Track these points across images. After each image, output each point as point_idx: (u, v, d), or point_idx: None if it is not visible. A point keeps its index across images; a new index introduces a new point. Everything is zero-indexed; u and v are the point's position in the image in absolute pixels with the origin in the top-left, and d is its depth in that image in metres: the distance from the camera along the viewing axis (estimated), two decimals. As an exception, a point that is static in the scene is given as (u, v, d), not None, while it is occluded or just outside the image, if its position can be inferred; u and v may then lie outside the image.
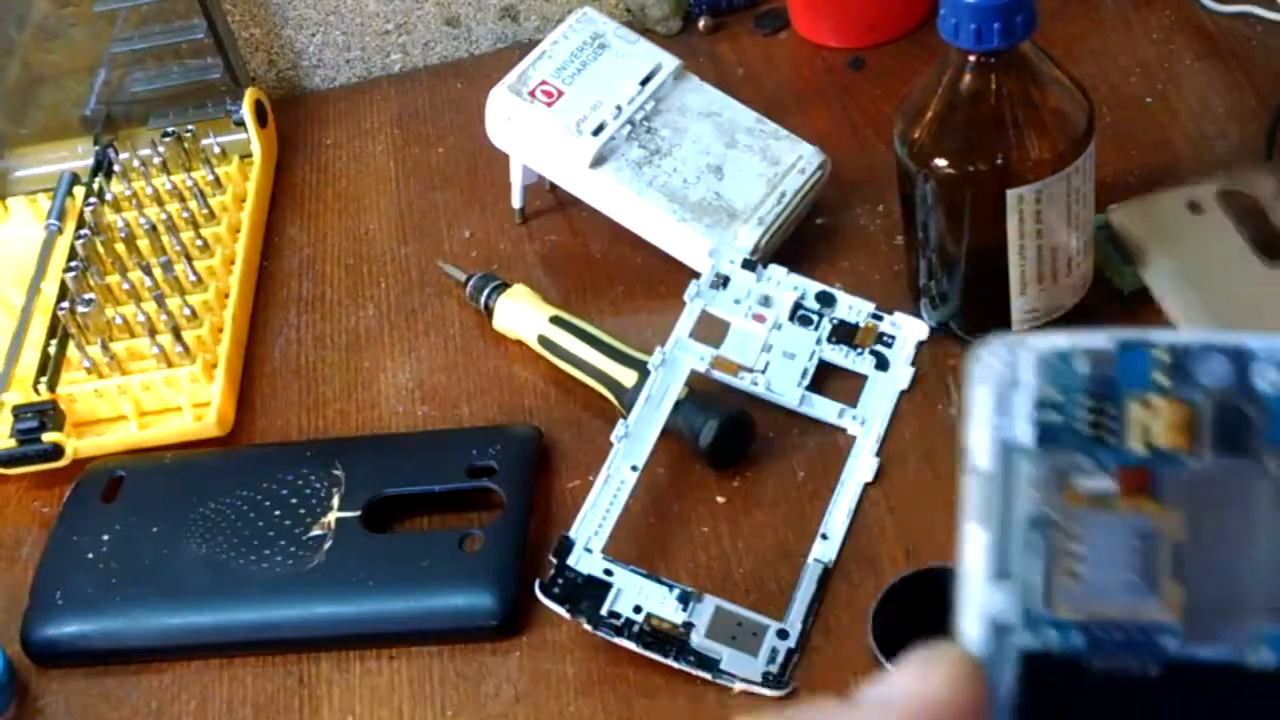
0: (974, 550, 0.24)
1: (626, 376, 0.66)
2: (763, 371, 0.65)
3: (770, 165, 0.74)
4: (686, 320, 0.65)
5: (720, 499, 0.64)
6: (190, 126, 0.85)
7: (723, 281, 0.68)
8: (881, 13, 0.86)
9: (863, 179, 0.77)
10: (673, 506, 0.64)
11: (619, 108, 0.74)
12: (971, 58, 0.60)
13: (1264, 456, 0.23)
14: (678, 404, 0.64)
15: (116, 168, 0.84)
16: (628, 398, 0.65)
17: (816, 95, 0.84)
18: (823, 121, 0.81)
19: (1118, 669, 0.23)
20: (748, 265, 0.68)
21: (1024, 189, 0.61)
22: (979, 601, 0.23)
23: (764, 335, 0.66)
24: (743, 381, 0.65)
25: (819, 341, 0.67)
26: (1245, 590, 0.23)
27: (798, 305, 0.68)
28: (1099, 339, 0.24)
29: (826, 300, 0.69)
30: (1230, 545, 0.23)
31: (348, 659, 0.62)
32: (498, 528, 0.63)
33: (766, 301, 0.67)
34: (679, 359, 0.64)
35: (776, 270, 0.69)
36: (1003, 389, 0.24)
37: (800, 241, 0.74)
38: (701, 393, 0.65)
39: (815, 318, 0.68)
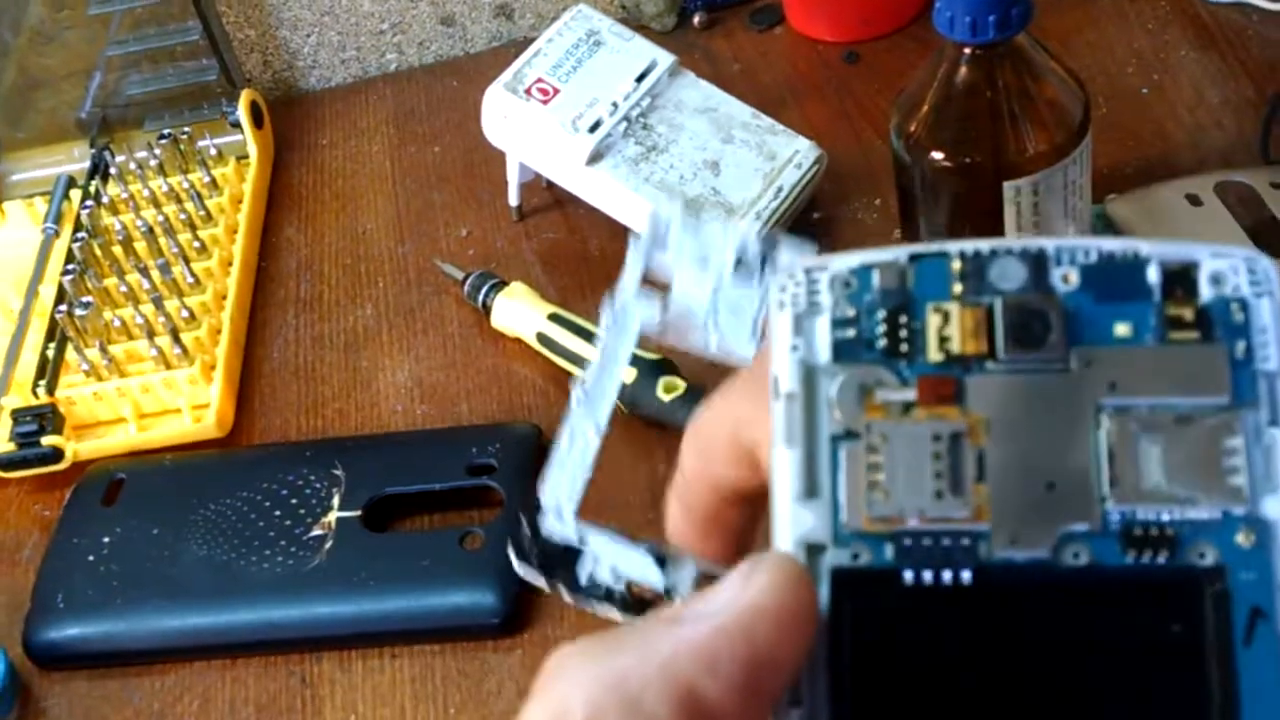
0: (783, 472, 0.24)
1: (625, 373, 0.66)
2: (715, 329, 0.65)
3: (766, 160, 0.74)
4: (631, 275, 0.65)
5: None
6: (186, 128, 0.85)
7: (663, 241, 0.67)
8: (876, 6, 0.86)
9: (859, 173, 0.77)
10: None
11: (615, 104, 0.74)
12: (967, 50, 0.60)
13: (1064, 355, 0.23)
14: (675, 399, 0.64)
15: (113, 170, 0.84)
16: (626, 394, 0.65)
17: (812, 90, 0.84)
18: (819, 116, 0.81)
19: (931, 578, 0.23)
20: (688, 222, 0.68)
21: (1021, 181, 0.61)
22: (790, 522, 0.23)
23: (708, 292, 0.66)
24: (696, 342, 0.65)
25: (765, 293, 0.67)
26: (1053, 489, 0.23)
27: (739, 260, 0.68)
28: (892, 253, 0.24)
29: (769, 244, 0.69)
30: (1036, 445, 0.23)
31: (350, 658, 0.62)
32: (498, 525, 0.63)
33: (705, 260, 0.67)
34: (629, 312, 0.64)
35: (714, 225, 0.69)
36: (801, 311, 0.24)
37: (797, 236, 0.74)
38: (696, 385, 0.65)
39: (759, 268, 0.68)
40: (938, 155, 0.62)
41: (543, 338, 0.71)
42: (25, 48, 0.90)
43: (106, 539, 0.66)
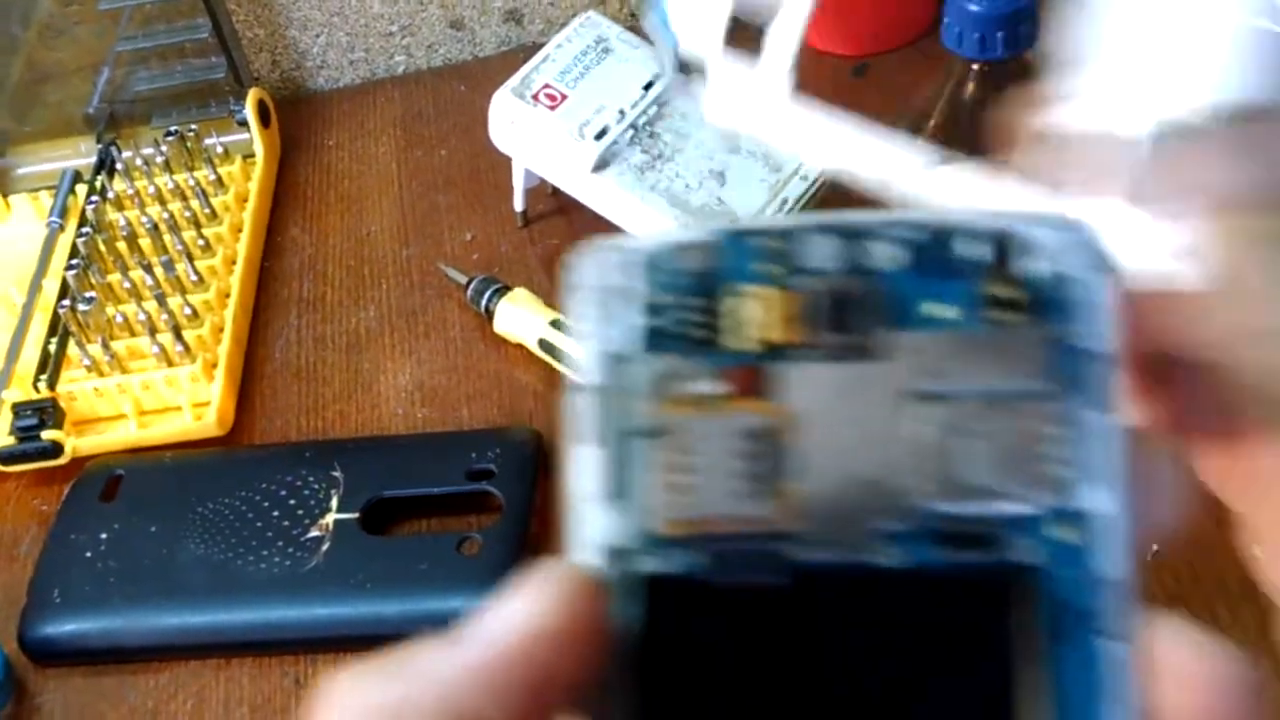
0: (584, 471, 0.22)
1: None
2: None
3: (772, 172, 0.74)
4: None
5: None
6: (193, 126, 0.85)
7: None
8: (885, 21, 0.86)
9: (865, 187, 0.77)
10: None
11: (622, 112, 0.74)
12: (975, 67, 0.60)
13: (881, 341, 0.21)
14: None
15: (119, 166, 0.84)
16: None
17: (819, 103, 0.84)
18: (825, 128, 0.81)
19: (745, 584, 0.21)
20: None
21: (1026, 198, 0.61)
22: (593, 527, 0.22)
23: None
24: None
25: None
26: (868, 486, 0.21)
27: None
28: (703, 232, 0.22)
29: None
30: (850, 439, 0.21)
31: (345, 661, 0.62)
32: (496, 531, 0.63)
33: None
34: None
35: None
36: (606, 296, 0.22)
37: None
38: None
39: None
40: (944, 171, 0.62)
41: (545, 344, 0.71)
42: (34, 42, 0.90)
43: (104, 535, 0.66)
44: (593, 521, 0.22)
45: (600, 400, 0.22)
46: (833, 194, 0.75)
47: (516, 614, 0.21)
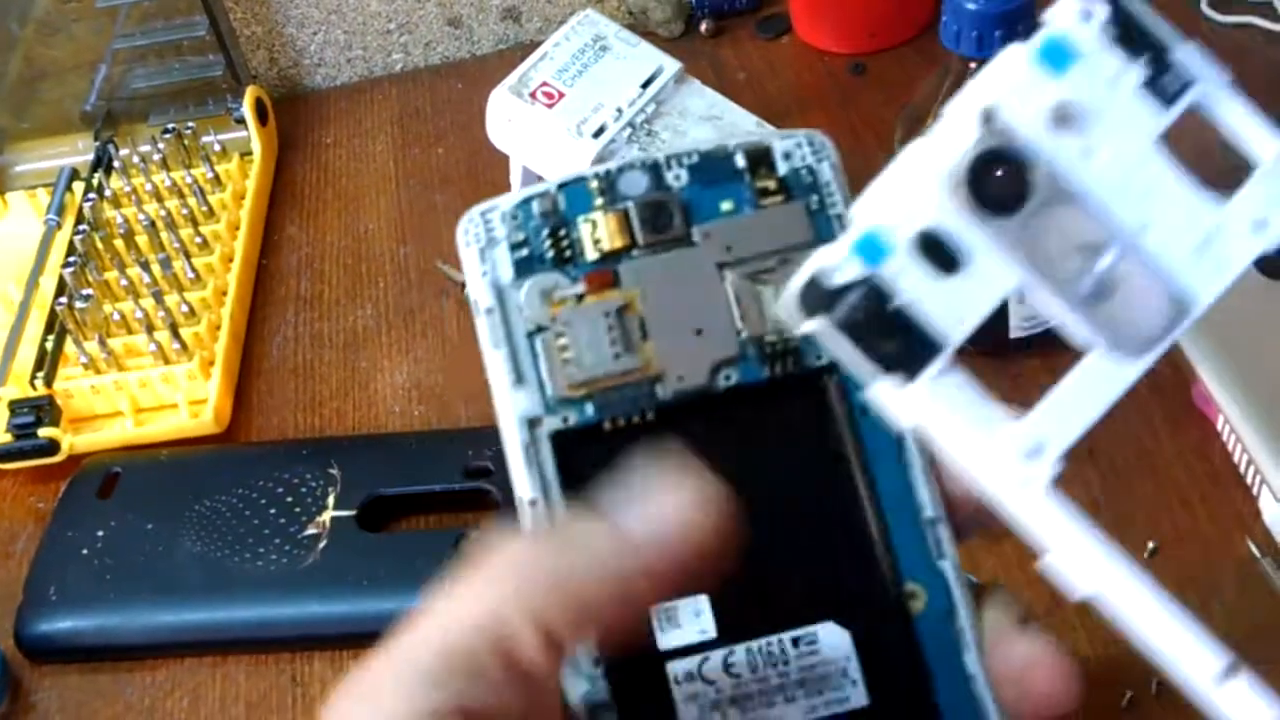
0: (495, 371, 0.29)
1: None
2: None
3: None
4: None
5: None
6: (191, 123, 0.85)
7: None
8: (883, 19, 0.86)
9: (863, 185, 0.77)
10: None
11: (620, 110, 0.74)
12: (973, 65, 0.60)
13: (688, 233, 0.30)
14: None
15: (116, 164, 0.84)
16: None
17: (817, 100, 0.84)
18: (823, 126, 0.80)
19: (624, 422, 0.29)
20: None
21: (1023, 197, 0.61)
22: (509, 407, 0.29)
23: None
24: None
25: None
26: (701, 334, 0.29)
27: None
28: (544, 186, 0.30)
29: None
30: (681, 304, 0.29)
31: (341, 658, 0.62)
32: (493, 529, 0.63)
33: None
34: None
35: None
36: (484, 245, 0.30)
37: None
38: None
39: None
40: (941, 169, 0.62)
41: (542, 342, 0.71)
42: (31, 39, 0.90)
43: (101, 533, 0.66)
44: (509, 403, 0.29)
45: (498, 317, 0.29)
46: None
47: (673, 506, 0.25)
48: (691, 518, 0.25)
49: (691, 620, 0.28)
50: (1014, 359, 0.67)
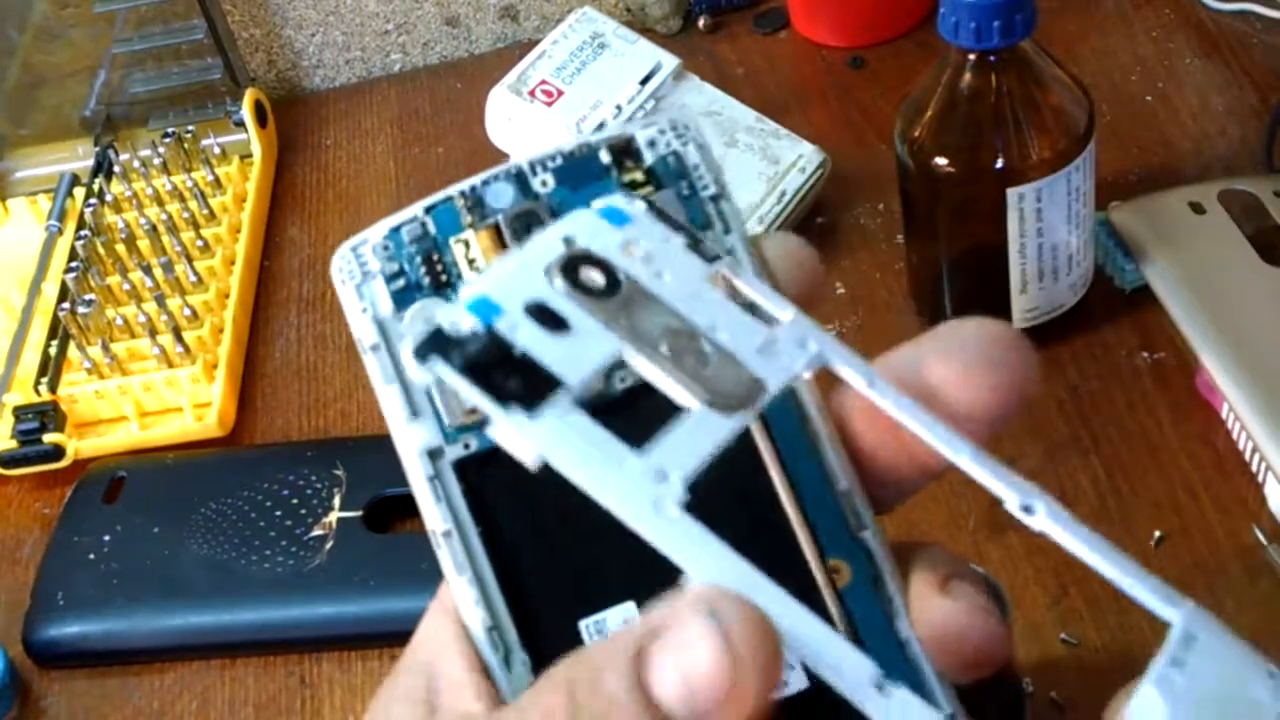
0: (389, 407, 0.28)
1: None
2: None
3: (770, 164, 0.74)
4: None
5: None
6: (190, 127, 0.85)
7: None
8: (881, 12, 0.86)
9: (863, 178, 0.77)
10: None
11: (619, 107, 0.74)
12: (971, 56, 0.60)
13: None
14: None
15: (117, 169, 0.84)
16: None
17: (816, 94, 0.84)
18: (823, 121, 0.81)
19: None
20: None
21: (1024, 187, 0.61)
22: (409, 442, 0.28)
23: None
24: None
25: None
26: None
27: None
28: (410, 211, 0.29)
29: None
30: None
31: (349, 659, 0.62)
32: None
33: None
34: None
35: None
36: (359, 281, 0.29)
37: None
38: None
39: None
40: (941, 161, 0.62)
41: (545, 340, 0.71)
42: (30, 45, 0.90)
43: (107, 537, 0.66)
44: (408, 437, 0.28)
45: (383, 354, 0.28)
46: (830, 187, 0.76)
47: (722, 671, 0.23)
48: (745, 688, 0.23)
49: (620, 623, 0.28)
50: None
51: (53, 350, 0.74)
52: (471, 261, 0.29)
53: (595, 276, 0.26)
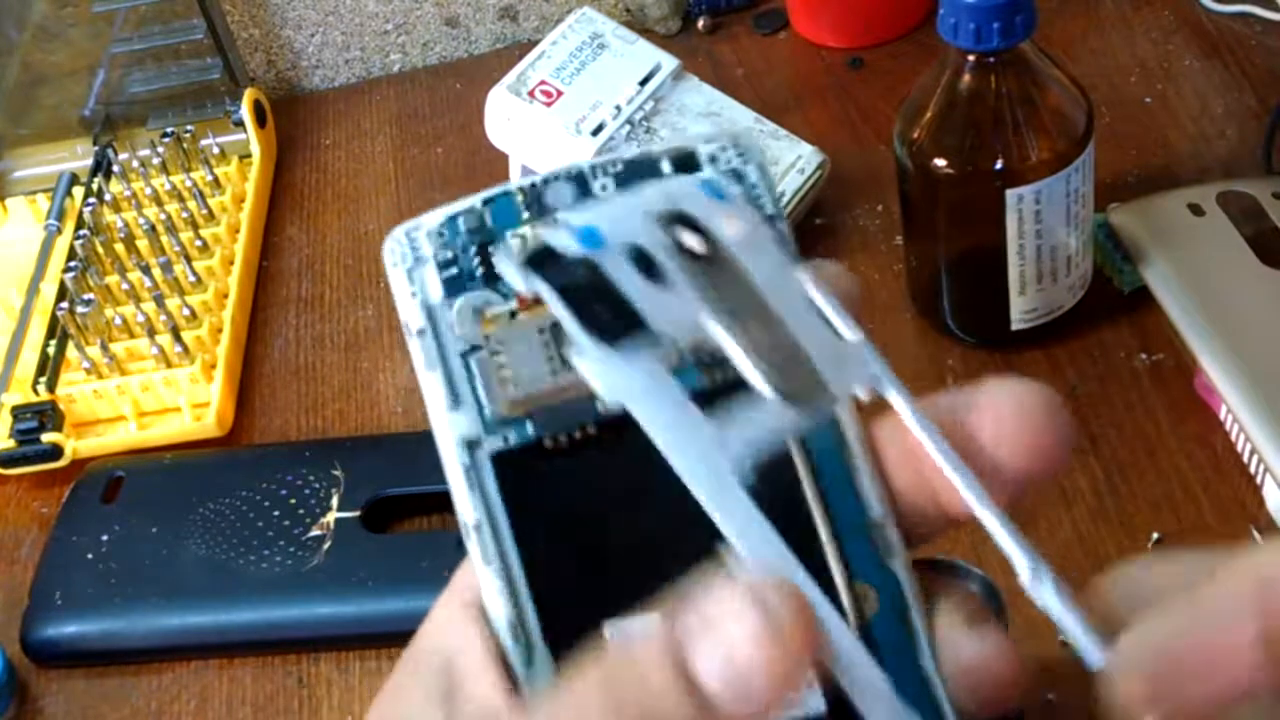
0: (431, 394, 0.28)
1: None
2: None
3: (770, 165, 0.74)
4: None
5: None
6: (189, 127, 0.85)
7: None
8: (880, 12, 0.86)
9: (862, 179, 0.77)
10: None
11: (618, 108, 0.74)
12: (971, 57, 0.60)
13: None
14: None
15: (115, 168, 0.84)
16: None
17: (815, 95, 0.84)
18: (822, 121, 0.81)
19: (564, 439, 0.28)
20: None
21: (1023, 189, 0.61)
22: (448, 430, 0.28)
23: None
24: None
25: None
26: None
27: None
28: (469, 201, 0.29)
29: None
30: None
31: (347, 659, 0.62)
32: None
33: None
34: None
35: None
36: (411, 266, 0.29)
37: (799, 242, 0.73)
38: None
39: None
40: (941, 162, 0.62)
41: (544, 340, 0.71)
42: (29, 44, 0.90)
43: (105, 537, 0.66)
44: (447, 425, 0.28)
45: (430, 338, 0.28)
46: (829, 188, 0.76)
47: (771, 659, 0.23)
48: (791, 674, 0.23)
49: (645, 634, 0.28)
50: (1014, 351, 0.67)
51: (51, 350, 0.74)
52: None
53: (694, 241, 0.27)
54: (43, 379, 0.73)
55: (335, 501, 0.65)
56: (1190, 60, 0.80)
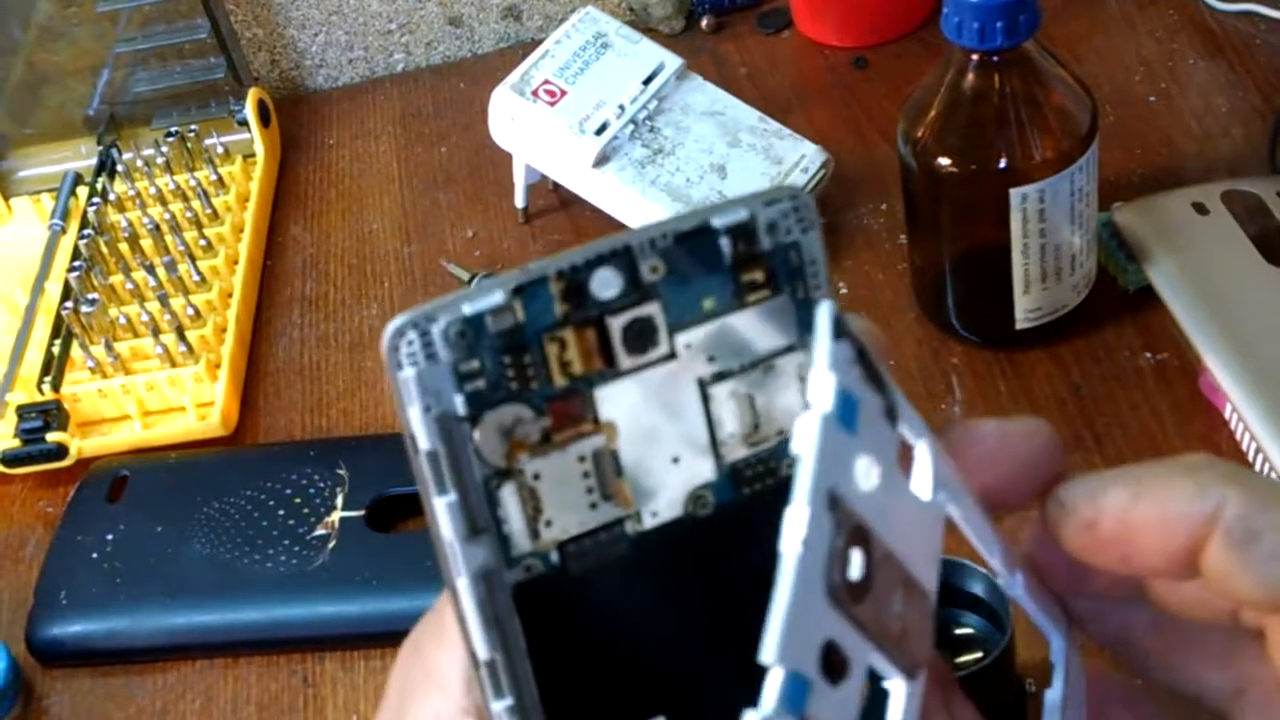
0: (441, 521, 0.24)
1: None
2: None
3: (773, 164, 0.74)
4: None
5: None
6: (193, 126, 0.85)
7: None
8: (884, 12, 0.86)
9: (866, 178, 0.77)
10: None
11: (622, 107, 0.74)
12: (975, 56, 0.60)
13: (671, 346, 0.25)
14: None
15: (120, 168, 0.84)
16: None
17: (819, 94, 0.84)
18: (825, 121, 0.81)
19: (592, 563, 0.25)
20: None
21: (1027, 188, 0.61)
22: (461, 562, 0.24)
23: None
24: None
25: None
26: (678, 461, 0.25)
27: None
28: (496, 293, 0.24)
29: None
30: (658, 429, 0.25)
31: (352, 658, 0.62)
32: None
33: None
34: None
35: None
36: (423, 369, 0.24)
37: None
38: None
39: None
40: (945, 161, 0.62)
41: (548, 339, 0.71)
42: (33, 44, 0.90)
43: (110, 536, 0.66)
44: (464, 557, 0.24)
45: (444, 460, 0.24)
46: (832, 187, 0.76)
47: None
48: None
49: None
50: (1018, 350, 0.67)
51: (56, 349, 0.74)
52: (565, 364, 0.24)
53: (856, 566, 0.22)
54: (48, 378, 0.73)
55: (340, 501, 0.65)
56: (1194, 59, 0.80)
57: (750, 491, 0.26)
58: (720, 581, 0.26)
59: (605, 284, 0.24)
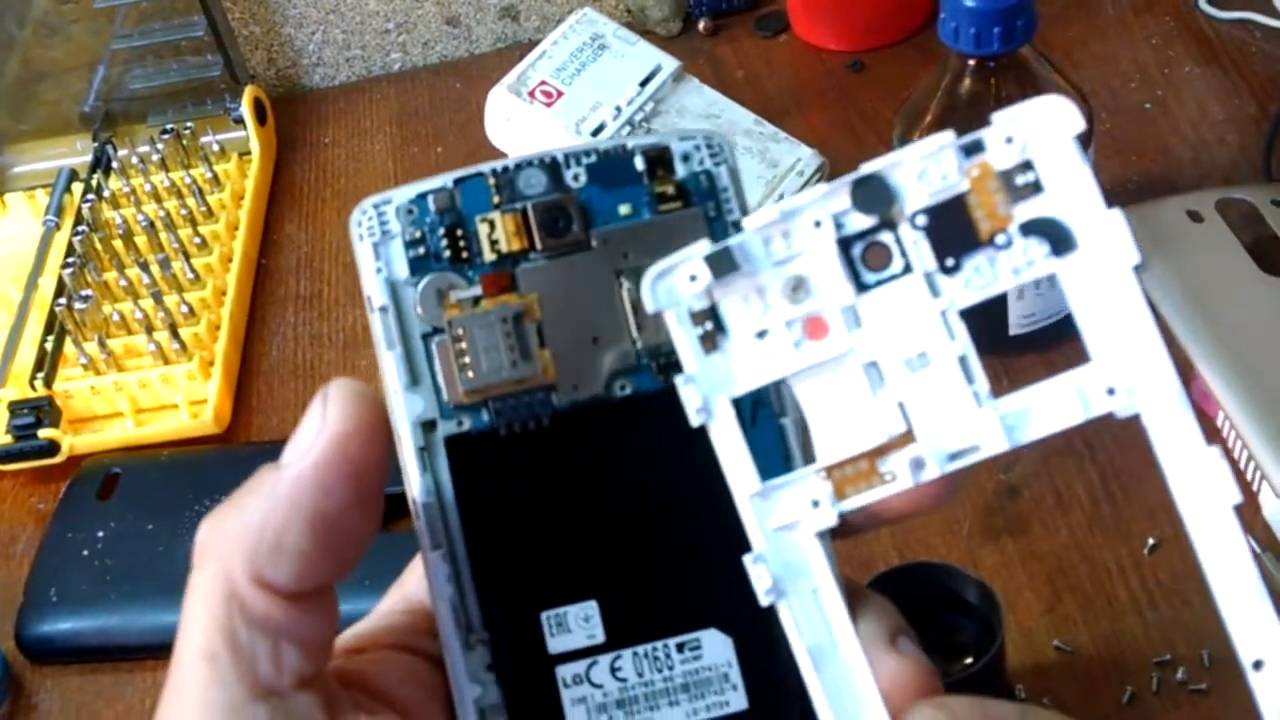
0: (388, 372, 0.28)
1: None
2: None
3: (769, 168, 0.74)
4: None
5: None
6: (189, 124, 0.85)
7: None
8: (881, 16, 0.86)
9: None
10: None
11: (618, 108, 0.74)
12: (971, 62, 0.60)
13: (586, 238, 0.29)
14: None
15: (115, 164, 0.84)
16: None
17: (816, 98, 0.84)
18: (822, 124, 0.81)
19: (518, 429, 0.29)
20: None
21: (1022, 194, 0.61)
22: (402, 409, 0.28)
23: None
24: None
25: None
26: (598, 342, 0.29)
27: None
28: (440, 180, 0.29)
29: None
30: (579, 311, 0.29)
31: (342, 658, 0.62)
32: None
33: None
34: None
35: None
36: (378, 240, 0.29)
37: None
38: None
39: None
40: (940, 166, 0.62)
41: (542, 340, 0.71)
42: (30, 40, 0.90)
43: (101, 533, 0.66)
44: (405, 404, 0.28)
45: (391, 316, 0.29)
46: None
47: (321, 428, 0.26)
48: (335, 430, 0.26)
49: (581, 625, 0.28)
50: (1012, 355, 0.67)
51: (49, 345, 0.74)
52: (494, 242, 0.29)
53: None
54: (40, 374, 0.73)
55: (332, 500, 0.65)
56: (1190, 67, 0.80)
57: (666, 382, 0.28)
58: (637, 464, 0.29)
59: (532, 183, 0.29)
